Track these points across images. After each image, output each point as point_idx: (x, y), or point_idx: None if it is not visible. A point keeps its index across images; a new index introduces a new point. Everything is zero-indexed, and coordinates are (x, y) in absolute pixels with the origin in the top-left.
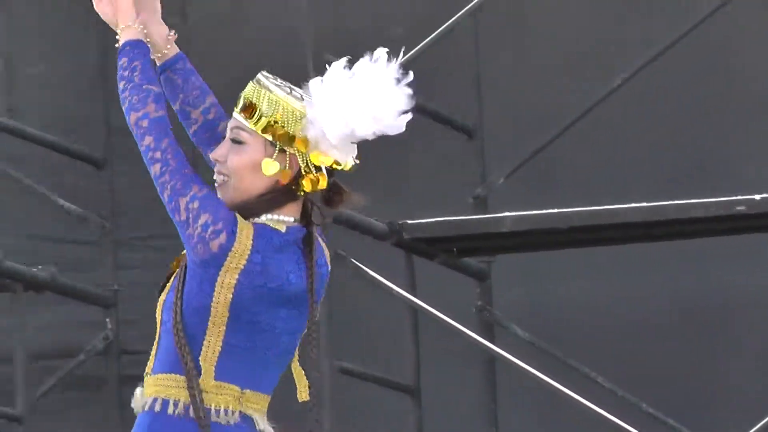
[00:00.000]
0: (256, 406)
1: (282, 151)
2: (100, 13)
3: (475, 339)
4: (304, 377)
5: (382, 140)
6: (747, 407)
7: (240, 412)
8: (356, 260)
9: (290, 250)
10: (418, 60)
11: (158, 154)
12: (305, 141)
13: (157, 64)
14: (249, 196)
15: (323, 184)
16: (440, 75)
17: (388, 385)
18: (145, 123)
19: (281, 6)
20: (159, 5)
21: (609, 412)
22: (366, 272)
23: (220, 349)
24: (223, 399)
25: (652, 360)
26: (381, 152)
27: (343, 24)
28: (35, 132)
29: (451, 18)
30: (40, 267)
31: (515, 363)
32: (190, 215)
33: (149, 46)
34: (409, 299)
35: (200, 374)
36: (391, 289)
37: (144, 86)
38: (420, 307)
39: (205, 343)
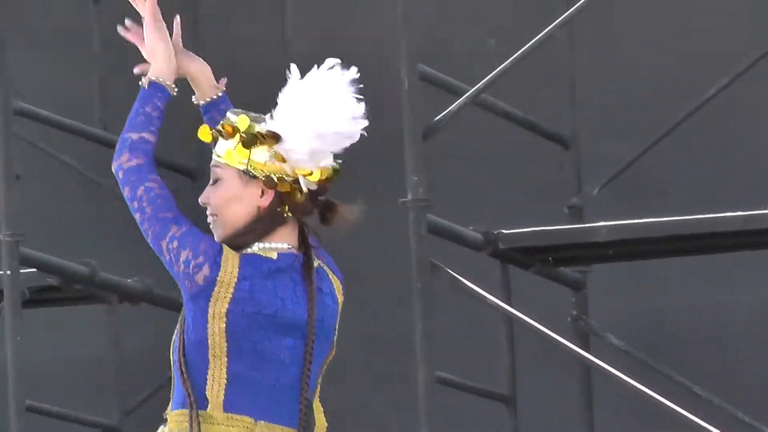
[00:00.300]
0: None
1: (254, 177)
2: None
3: (570, 348)
4: (323, 417)
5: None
6: None
7: None
8: (452, 270)
9: (284, 276)
10: (513, 70)
11: (135, 204)
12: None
13: (201, 103)
14: (235, 228)
15: (300, 197)
16: (535, 85)
17: (484, 394)
18: (120, 174)
19: (376, 18)
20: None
21: (706, 422)
22: (462, 282)
23: (225, 380)
24: (236, 431)
25: (750, 369)
26: (477, 163)
27: (436, 35)
28: None
29: (545, 28)
30: (135, 278)
31: (611, 372)
32: (172, 255)
33: (164, 84)
34: (505, 309)
35: (207, 407)
36: (487, 299)
37: (124, 135)
38: (516, 316)
39: (209, 375)
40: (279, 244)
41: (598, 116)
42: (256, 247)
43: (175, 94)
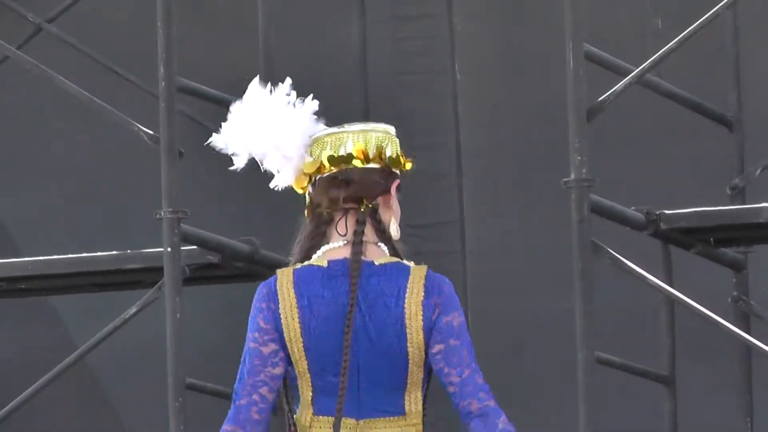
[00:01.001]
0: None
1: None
2: None
3: (731, 329)
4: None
5: (640, 132)
6: None
7: None
8: (613, 251)
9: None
10: (678, 51)
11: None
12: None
13: None
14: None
15: (299, 188)
16: (700, 66)
17: (644, 375)
18: None
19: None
20: None
21: None
22: (623, 263)
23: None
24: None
25: None
26: (639, 143)
27: (602, 15)
28: None
29: (711, 9)
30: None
31: None
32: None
33: None
34: (666, 290)
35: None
36: (648, 279)
37: None
38: (677, 297)
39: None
40: (334, 244)
41: (763, 97)
42: (313, 257)
43: None
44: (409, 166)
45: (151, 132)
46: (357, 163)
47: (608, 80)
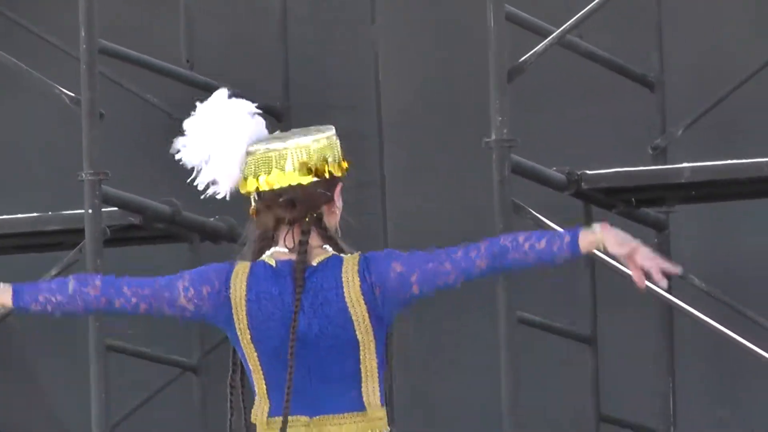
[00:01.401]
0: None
1: None
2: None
3: (652, 289)
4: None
5: (561, 93)
6: None
7: None
8: (535, 211)
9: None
10: (599, 12)
11: None
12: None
13: None
14: None
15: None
16: (621, 27)
17: (566, 335)
18: None
19: None
20: None
21: None
22: (545, 223)
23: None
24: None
25: None
26: (560, 103)
27: None
28: (210, 81)
29: None
30: (217, 217)
31: (693, 314)
32: None
33: None
34: None
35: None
36: None
37: None
38: (598, 257)
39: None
40: (280, 248)
41: (685, 57)
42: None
43: None
44: (345, 165)
45: (72, 94)
46: (301, 180)
47: (529, 41)
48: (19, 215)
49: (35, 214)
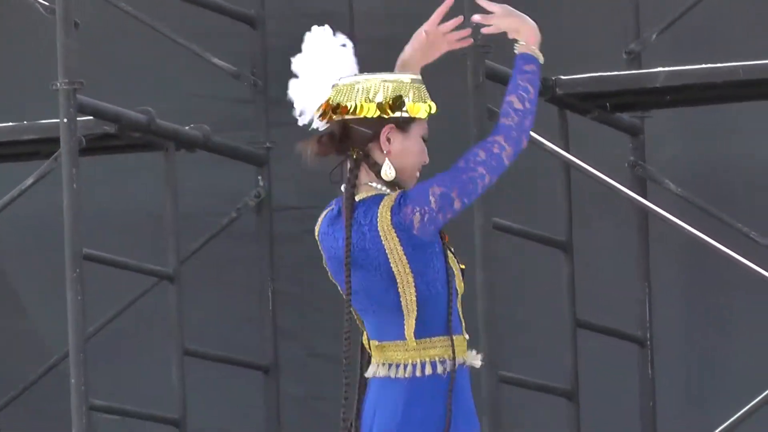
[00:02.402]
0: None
1: None
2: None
3: (627, 194)
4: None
5: None
6: None
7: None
8: None
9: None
10: None
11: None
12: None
13: None
14: None
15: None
16: None
17: (541, 241)
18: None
19: None
20: None
21: (763, 268)
22: None
23: None
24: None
25: None
26: (534, 8)
27: None
28: None
29: None
30: (192, 125)
31: (668, 218)
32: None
33: None
34: (563, 155)
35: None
36: (545, 145)
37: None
38: (573, 162)
39: None
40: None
41: None
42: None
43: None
44: (418, 110)
45: (47, 3)
46: (334, 117)
47: None
48: None
49: (11, 124)
